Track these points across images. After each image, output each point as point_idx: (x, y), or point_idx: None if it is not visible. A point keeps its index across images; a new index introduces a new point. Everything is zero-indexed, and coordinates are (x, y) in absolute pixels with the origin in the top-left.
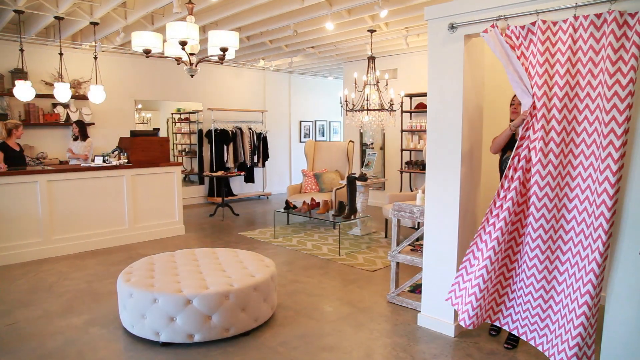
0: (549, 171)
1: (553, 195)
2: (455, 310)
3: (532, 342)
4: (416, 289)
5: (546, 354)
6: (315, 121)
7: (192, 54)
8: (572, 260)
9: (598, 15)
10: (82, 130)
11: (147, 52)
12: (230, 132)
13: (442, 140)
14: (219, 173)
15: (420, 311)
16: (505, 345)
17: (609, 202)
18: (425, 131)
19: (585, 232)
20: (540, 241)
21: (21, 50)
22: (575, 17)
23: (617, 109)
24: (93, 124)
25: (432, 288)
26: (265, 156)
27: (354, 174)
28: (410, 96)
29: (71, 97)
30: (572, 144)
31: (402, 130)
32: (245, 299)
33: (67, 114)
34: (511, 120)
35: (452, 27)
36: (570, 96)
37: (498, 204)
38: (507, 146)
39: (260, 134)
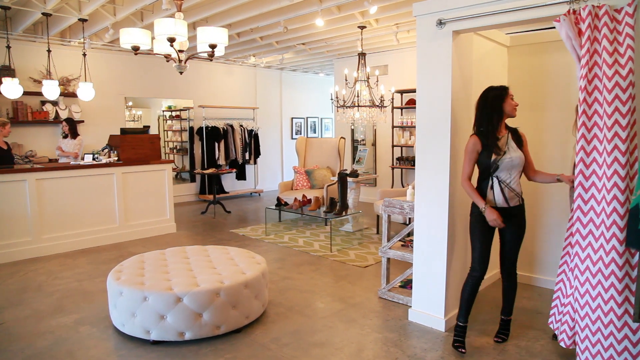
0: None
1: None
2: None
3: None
4: (407, 285)
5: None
6: (307, 118)
7: (181, 51)
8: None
9: (593, 7)
10: (72, 128)
11: (135, 49)
12: (221, 129)
13: (431, 136)
14: (210, 170)
15: (411, 306)
16: (496, 339)
17: (621, 197)
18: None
19: (597, 232)
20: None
21: (8, 47)
22: (583, 8)
23: (620, 100)
24: (82, 121)
25: (422, 283)
26: (257, 153)
27: (346, 170)
28: (401, 92)
29: (60, 95)
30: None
31: (393, 127)
32: (236, 296)
33: (56, 111)
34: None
35: (440, 23)
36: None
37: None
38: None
39: (251, 130)
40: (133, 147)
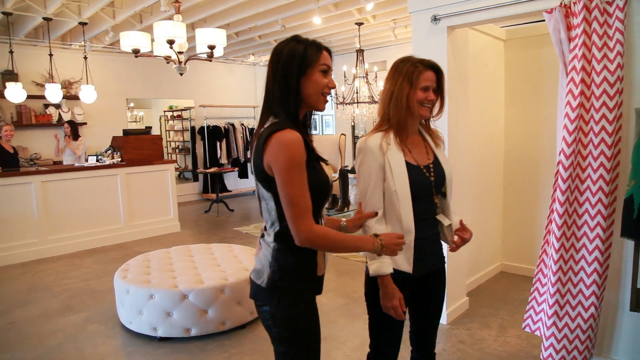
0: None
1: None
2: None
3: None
4: None
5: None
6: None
7: (180, 52)
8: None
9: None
10: (74, 130)
11: (136, 52)
12: (222, 128)
13: None
14: (212, 169)
15: None
16: None
17: (606, 188)
18: None
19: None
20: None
21: (10, 52)
22: (574, 2)
23: (608, 95)
24: (85, 123)
25: None
26: None
27: (347, 166)
28: None
29: (63, 98)
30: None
31: None
32: (241, 293)
33: (59, 114)
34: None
35: (435, 19)
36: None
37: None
38: None
39: (252, 129)
40: (136, 148)
